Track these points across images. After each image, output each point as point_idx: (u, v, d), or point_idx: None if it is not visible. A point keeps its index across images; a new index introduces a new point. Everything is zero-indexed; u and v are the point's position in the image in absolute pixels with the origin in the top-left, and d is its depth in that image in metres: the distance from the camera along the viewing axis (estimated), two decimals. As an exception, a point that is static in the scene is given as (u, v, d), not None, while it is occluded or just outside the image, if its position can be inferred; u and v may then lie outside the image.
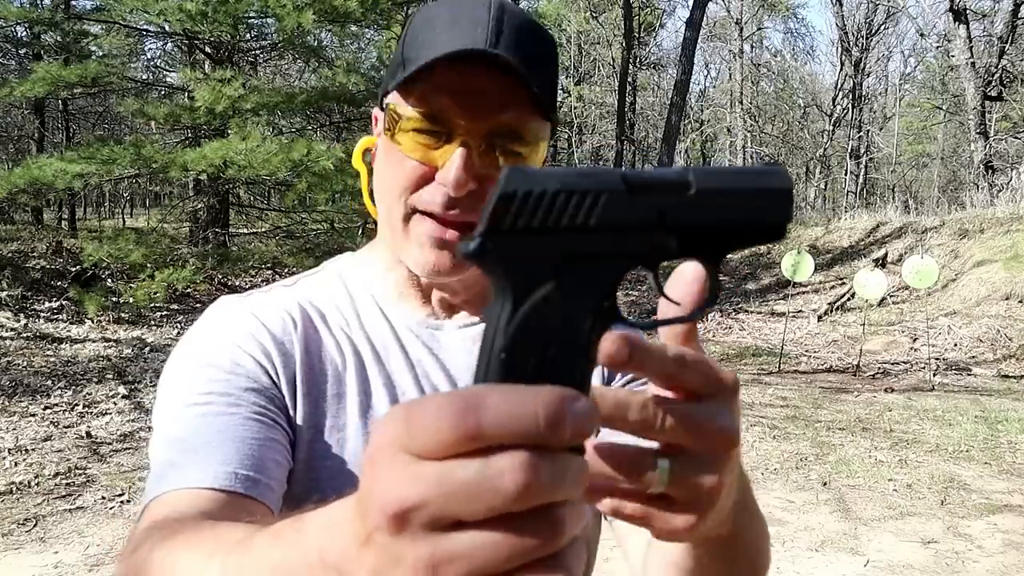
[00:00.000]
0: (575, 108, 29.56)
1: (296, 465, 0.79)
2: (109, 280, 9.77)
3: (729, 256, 0.44)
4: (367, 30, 14.55)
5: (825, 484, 5.18)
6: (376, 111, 0.87)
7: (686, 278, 0.42)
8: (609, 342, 0.37)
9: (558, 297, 0.36)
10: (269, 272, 11.91)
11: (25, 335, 8.22)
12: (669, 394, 0.42)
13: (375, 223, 0.88)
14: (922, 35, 24.82)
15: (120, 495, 4.61)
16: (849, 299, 12.47)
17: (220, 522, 0.59)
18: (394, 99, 0.79)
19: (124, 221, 25.85)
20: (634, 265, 0.38)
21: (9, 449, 5.26)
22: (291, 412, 0.79)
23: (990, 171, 18.04)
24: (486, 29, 0.75)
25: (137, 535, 0.63)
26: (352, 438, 0.80)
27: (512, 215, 0.35)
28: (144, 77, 16.08)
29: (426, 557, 0.31)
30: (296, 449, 0.79)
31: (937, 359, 9.55)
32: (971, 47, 18.14)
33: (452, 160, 0.75)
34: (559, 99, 0.83)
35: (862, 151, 30.26)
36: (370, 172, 0.89)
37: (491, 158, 0.77)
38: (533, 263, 0.36)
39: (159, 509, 0.67)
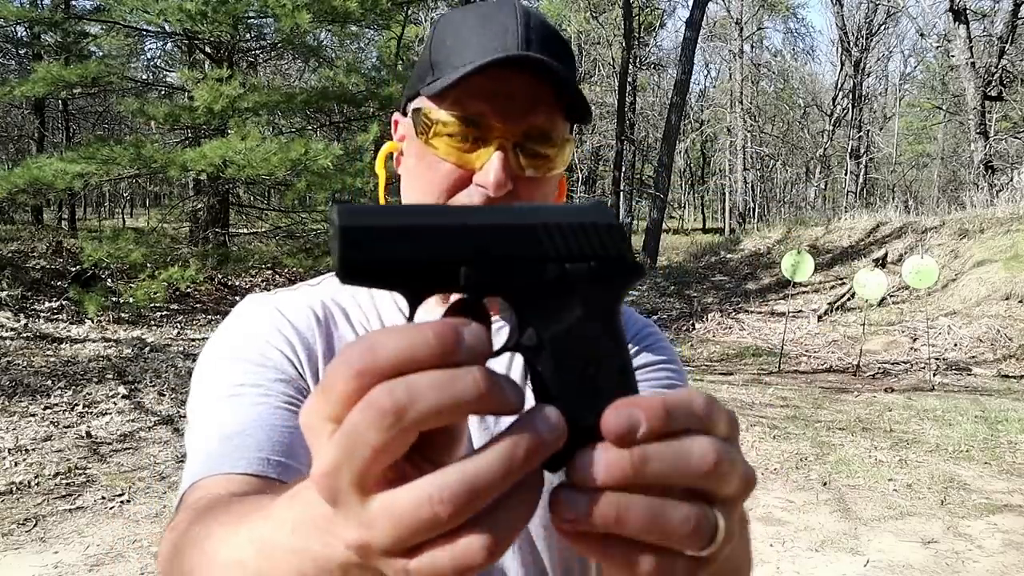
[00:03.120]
0: (575, 108, 29.44)
1: None
2: (109, 280, 9.76)
3: (729, 256, 0.43)
4: (367, 30, 14.56)
5: (825, 484, 5.18)
6: (398, 116, 0.89)
7: None
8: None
9: None
10: (269, 272, 11.91)
11: (25, 335, 8.22)
12: None
13: None
14: (922, 35, 24.81)
15: (120, 495, 4.61)
16: (849, 299, 12.47)
17: (249, 495, 0.62)
18: (424, 104, 0.81)
19: (124, 221, 25.88)
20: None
21: (9, 449, 5.26)
22: None
23: (990, 171, 18.04)
24: (516, 35, 0.78)
25: (176, 519, 0.67)
26: None
27: None
28: (144, 77, 16.06)
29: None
30: None
31: (937, 359, 9.54)
32: (971, 47, 18.14)
33: (491, 162, 0.77)
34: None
35: (862, 151, 30.27)
36: (389, 178, 0.92)
37: (521, 160, 0.80)
38: None
39: (195, 494, 0.70)
